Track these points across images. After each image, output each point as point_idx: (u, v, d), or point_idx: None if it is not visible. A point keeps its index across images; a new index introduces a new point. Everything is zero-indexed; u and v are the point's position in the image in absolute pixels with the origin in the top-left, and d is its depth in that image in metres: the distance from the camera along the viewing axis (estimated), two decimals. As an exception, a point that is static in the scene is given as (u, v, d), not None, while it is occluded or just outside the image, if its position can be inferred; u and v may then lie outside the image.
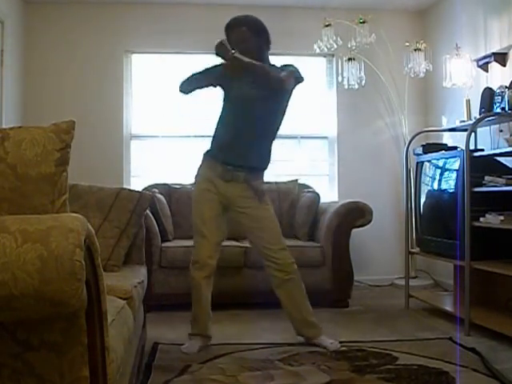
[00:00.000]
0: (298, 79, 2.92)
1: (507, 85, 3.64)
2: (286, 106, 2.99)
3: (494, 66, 3.99)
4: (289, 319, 3.01)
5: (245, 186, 2.91)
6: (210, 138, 3.03)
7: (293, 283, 2.94)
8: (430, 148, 3.97)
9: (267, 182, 3.19)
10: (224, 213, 2.98)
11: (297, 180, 4.69)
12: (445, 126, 4.35)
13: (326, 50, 4.58)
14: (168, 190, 4.44)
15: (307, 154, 5.14)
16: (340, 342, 2.94)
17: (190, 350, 2.84)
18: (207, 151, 3.01)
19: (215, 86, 3.00)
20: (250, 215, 2.94)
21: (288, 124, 3.16)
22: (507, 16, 3.86)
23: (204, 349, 2.89)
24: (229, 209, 2.98)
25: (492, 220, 3.10)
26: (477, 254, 3.19)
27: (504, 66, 3.90)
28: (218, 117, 3.02)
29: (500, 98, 3.64)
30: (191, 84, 2.97)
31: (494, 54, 3.94)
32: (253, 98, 2.87)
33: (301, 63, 5.14)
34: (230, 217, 3.04)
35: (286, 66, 2.97)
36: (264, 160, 3.00)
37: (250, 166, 2.92)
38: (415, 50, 4.56)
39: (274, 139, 3.01)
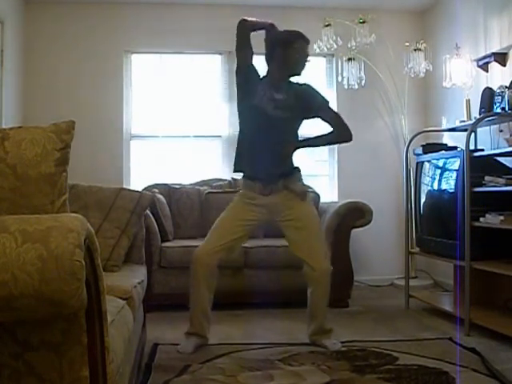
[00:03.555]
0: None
1: (507, 85, 3.64)
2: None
3: (494, 66, 3.99)
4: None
5: (286, 192, 2.94)
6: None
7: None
8: (429, 148, 3.97)
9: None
10: (257, 225, 2.99)
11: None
12: (445, 126, 4.35)
13: (325, 49, 4.58)
14: (168, 190, 4.44)
15: (307, 153, 5.12)
16: (340, 342, 2.94)
17: (185, 350, 2.82)
18: (236, 167, 3.00)
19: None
20: (295, 218, 2.92)
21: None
22: (507, 16, 3.86)
23: (200, 348, 2.86)
24: (272, 221, 2.98)
25: (492, 220, 3.10)
26: (477, 254, 3.19)
27: (504, 65, 3.90)
28: (240, 125, 3.02)
29: (500, 97, 3.64)
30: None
31: (493, 53, 3.93)
32: (275, 118, 2.89)
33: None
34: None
35: (312, 91, 3.06)
36: (291, 162, 3.00)
37: (282, 173, 2.94)
38: (415, 49, 4.56)
39: (295, 139, 3.05)
